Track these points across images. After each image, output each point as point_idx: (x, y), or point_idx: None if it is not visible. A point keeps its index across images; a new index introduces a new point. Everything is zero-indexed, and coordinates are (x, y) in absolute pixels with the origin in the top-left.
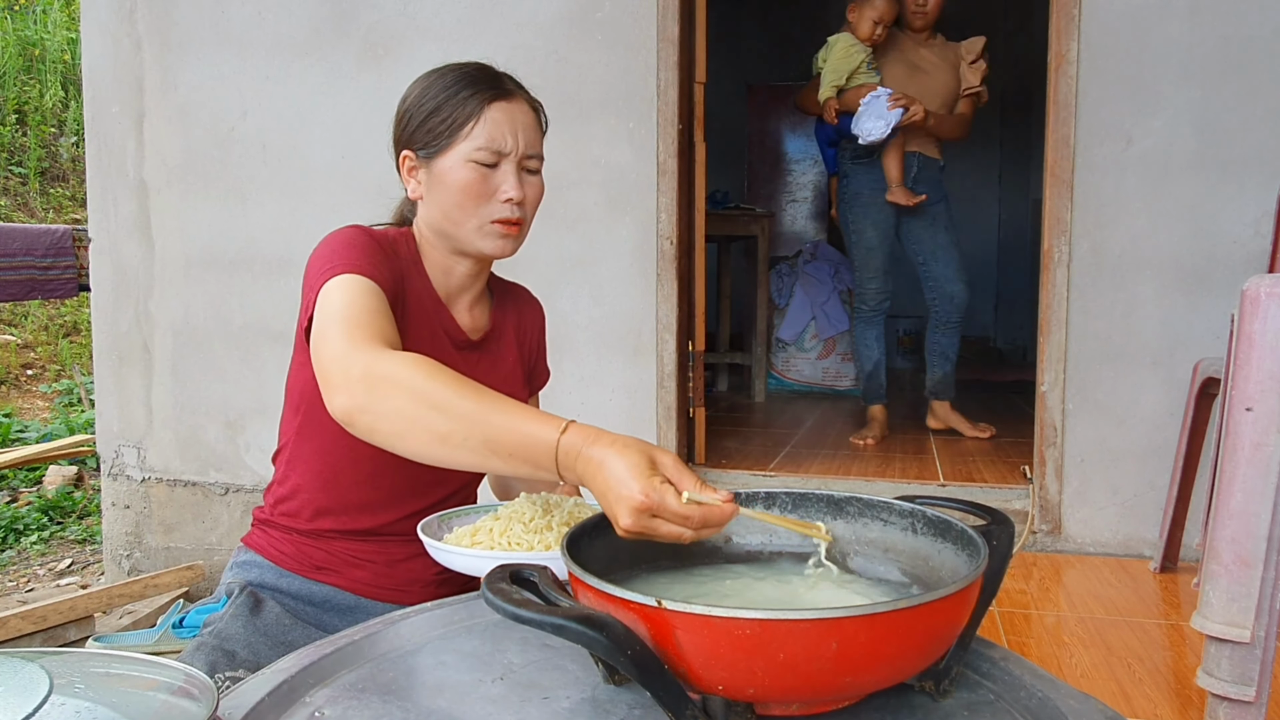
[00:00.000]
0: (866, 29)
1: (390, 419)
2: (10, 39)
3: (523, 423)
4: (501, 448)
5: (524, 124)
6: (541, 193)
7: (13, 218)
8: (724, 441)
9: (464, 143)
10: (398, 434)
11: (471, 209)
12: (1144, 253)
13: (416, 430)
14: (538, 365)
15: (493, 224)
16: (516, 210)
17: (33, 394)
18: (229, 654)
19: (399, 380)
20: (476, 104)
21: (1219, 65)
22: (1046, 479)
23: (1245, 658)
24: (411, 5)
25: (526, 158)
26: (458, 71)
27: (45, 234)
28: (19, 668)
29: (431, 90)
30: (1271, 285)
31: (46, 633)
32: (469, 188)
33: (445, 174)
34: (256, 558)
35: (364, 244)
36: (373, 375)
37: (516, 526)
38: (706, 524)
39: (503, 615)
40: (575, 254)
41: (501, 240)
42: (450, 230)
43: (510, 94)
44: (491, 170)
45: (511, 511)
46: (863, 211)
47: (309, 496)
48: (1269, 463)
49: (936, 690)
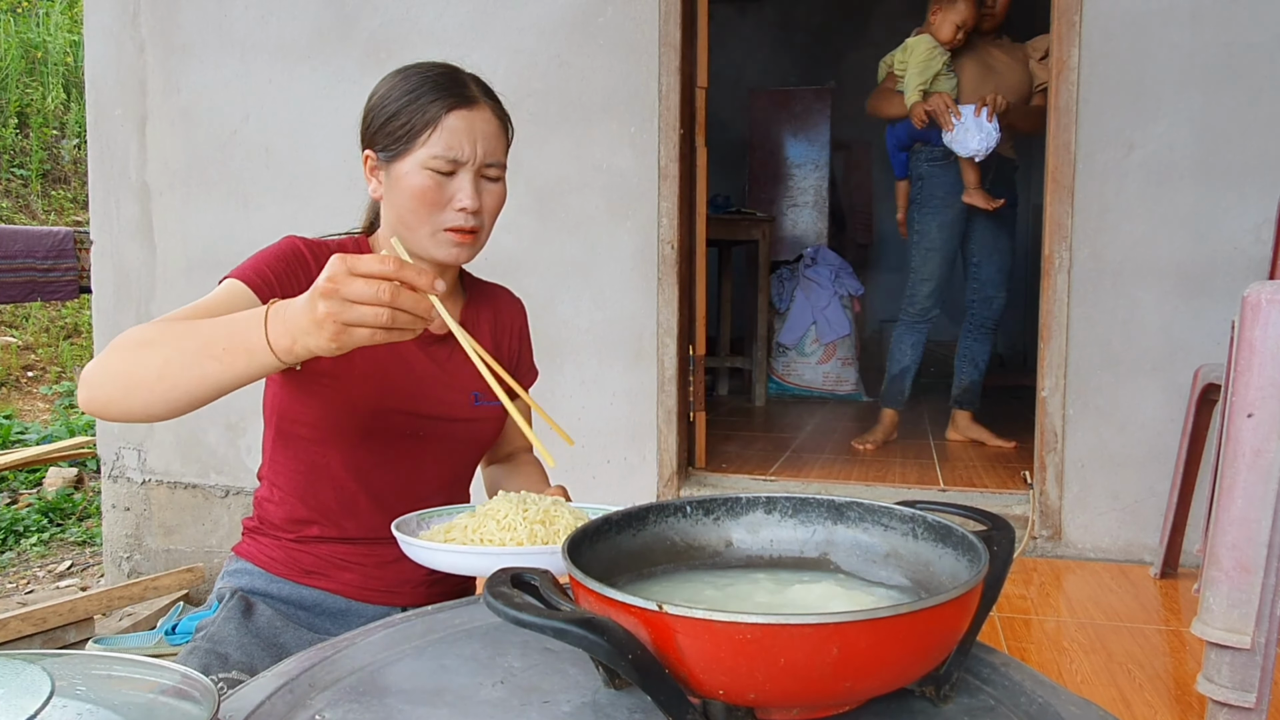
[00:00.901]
0: (948, 32)
1: (112, 378)
2: (13, 41)
3: (231, 320)
4: (215, 346)
5: (484, 132)
6: (502, 200)
7: (14, 220)
8: (724, 446)
9: (421, 149)
10: (126, 390)
11: (425, 215)
12: (1145, 259)
13: (137, 375)
14: (521, 363)
15: (446, 232)
16: (471, 219)
17: (33, 396)
18: (222, 656)
19: (115, 346)
20: (436, 110)
21: (1220, 72)
22: (1047, 484)
23: (1246, 664)
24: (414, 10)
25: (485, 166)
26: (423, 74)
27: (46, 236)
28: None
29: (395, 92)
30: (1272, 292)
31: (46, 634)
32: (424, 194)
33: (401, 178)
34: (247, 565)
35: (276, 254)
36: (99, 358)
37: (490, 523)
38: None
39: (503, 619)
40: (576, 258)
41: (455, 249)
42: (404, 234)
43: (471, 101)
44: (448, 178)
45: (487, 509)
46: (933, 213)
47: (291, 506)
48: (1269, 469)
49: (937, 696)
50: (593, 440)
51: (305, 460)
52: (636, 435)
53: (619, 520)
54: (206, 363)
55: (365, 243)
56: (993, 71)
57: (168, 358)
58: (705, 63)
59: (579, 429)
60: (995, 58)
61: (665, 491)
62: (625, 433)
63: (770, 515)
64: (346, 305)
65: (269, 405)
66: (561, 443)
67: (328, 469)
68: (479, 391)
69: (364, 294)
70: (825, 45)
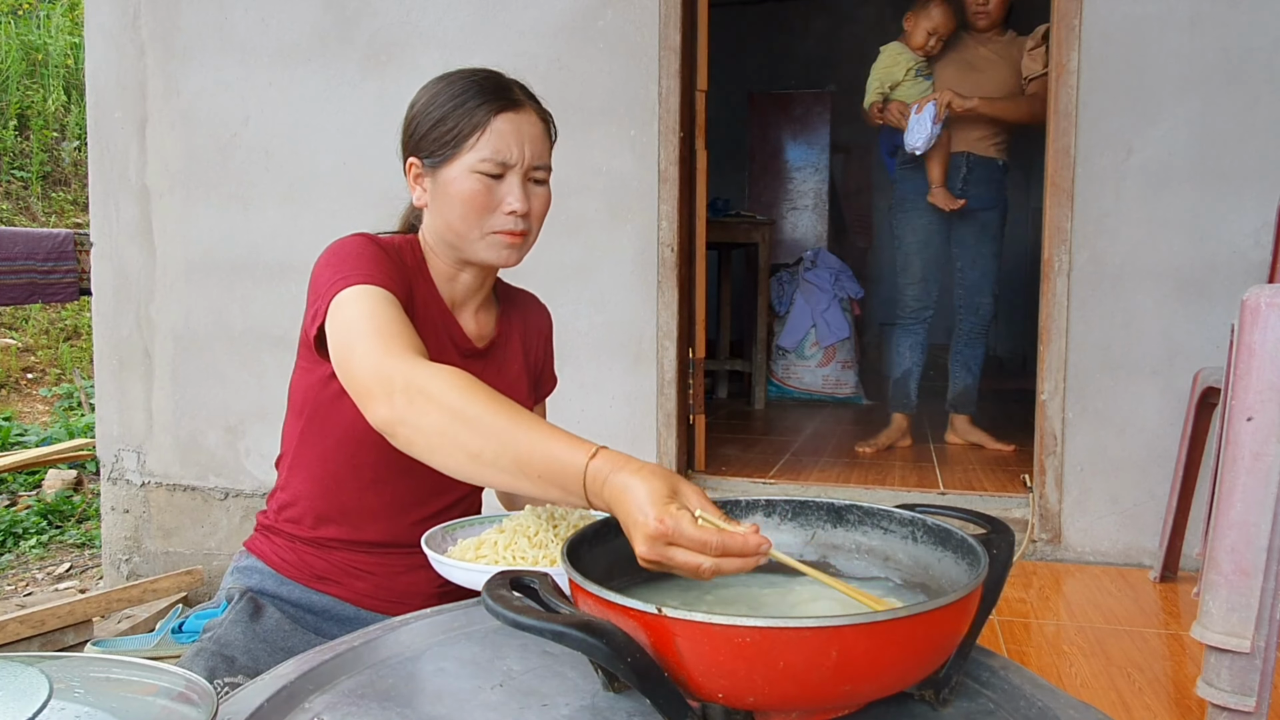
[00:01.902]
0: (920, 39)
1: (427, 434)
2: (13, 43)
3: (553, 445)
4: (531, 469)
5: (531, 135)
6: (548, 203)
7: (14, 221)
8: (724, 449)
9: (469, 154)
10: (433, 449)
11: (475, 220)
12: (1144, 262)
13: (451, 447)
14: (544, 372)
15: (496, 234)
16: (521, 222)
17: (33, 398)
18: (228, 659)
19: (436, 395)
20: (483, 115)
21: (1219, 76)
22: (1046, 488)
23: (1245, 668)
24: (414, 13)
25: (533, 169)
26: (467, 79)
27: (46, 238)
28: (18, 672)
29: (440, 98)
30: (1271, 295)
31: (44, 637)
32: (473, 199)
33: (450, 184)
34: (258, 563)
35: (373, 254)
36: (412, 388)
37: (521, 540)
38: (726, 552)
39: (503, 622)
40: (576, 261)
41: (506, 250)
42: (454, 240)
43: (518, 104)
44: (496, 181)
45: (516, 524)
46: (905, 216)
47: (310, 503)
48: (1269, 472)
49: (936, 699)
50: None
51: (333, 459)
52: (636, 438)
53: (618, 523)
54: (519, 478)
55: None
56: (972, 69)
57: (484, 449)
58: (705, 66)
59: (578, 432)
60: (980, 55)
61: None
62: (625, 436)
63: (770, 518)
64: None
65: (299, 395)
66: None
67: (355, 470)
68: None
69: (687, 562)
70: (825, 49)
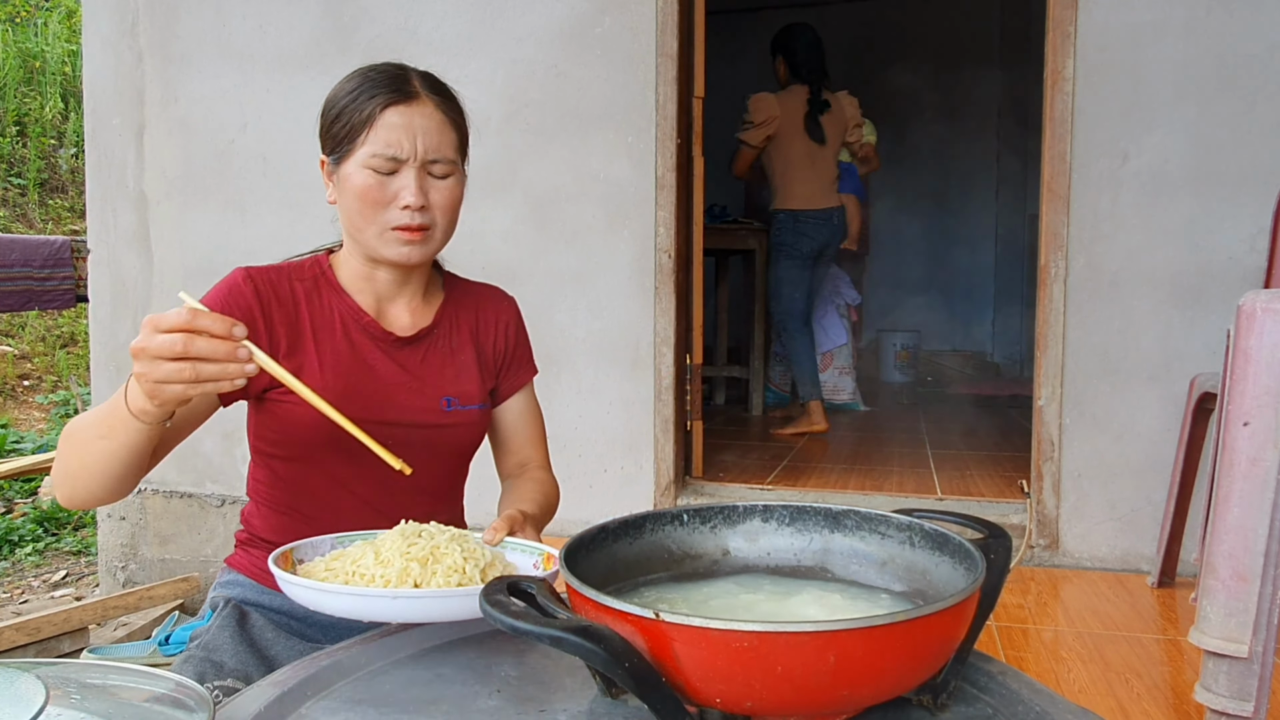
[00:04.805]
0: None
1: (62, 478)
2: (11, 50)
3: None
4: (103, 425)
5: (425, 127)
6: (454, 197)
7: (11, 229)
8: (721, 455)
9: (361, 149)
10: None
11: (370, 216)
12: (1140, 268)
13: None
14: (515, 359)
15: (393, 231)
16: (418, 216)
17: (29, 405)
18: (217, 664)
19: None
20: (373, 108)
21: (1214, 82)
22: (1044, 494)
23: (1243, 672)
24: (412, 19)
25: (430, 162)
26: (363, 74)
27: (43, 245)
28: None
29: (338, 94)
30: (1267, 301)
31: (41, 644)
32: (366, 194)
33: (346, 180)
34: (239, 577)
35: (217, 295)
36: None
37: (369, 556)
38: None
39: (500, 627)
40: (574, 267)
41: (405, 248)
42: (356, 236)
43: (409, 97)
44: (390, 177)
45: (378, 541)
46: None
47: (276, 521)
48: (1265, 477)
49: (934, 704)
50: (589, 450)
51: (281, 478)
52: (633, 444)
53: (616, 528)
54: (99, 442)
55: (324, 261)
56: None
57: (79, 447)
58: (702, 73)
59: (575, 438)
60: None
61: (662, 501)
62: (622, 442)
63: (767, 523)
64: (155, 363)
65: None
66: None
67: (305, 485)
68: (451, 396)
69: (162, 348)
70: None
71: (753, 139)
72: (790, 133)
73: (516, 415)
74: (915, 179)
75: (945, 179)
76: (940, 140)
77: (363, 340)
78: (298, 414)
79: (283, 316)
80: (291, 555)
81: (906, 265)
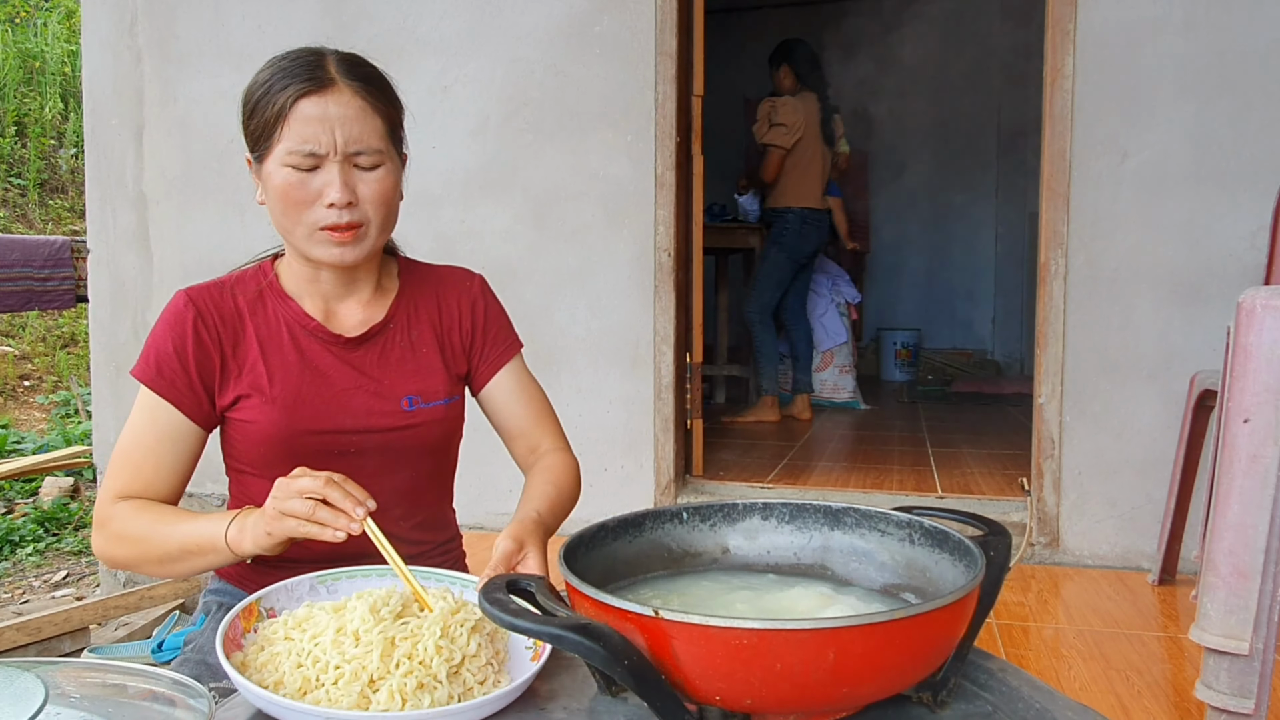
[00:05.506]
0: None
1: (124, 561)
2: (11, 51)
3: (197, 528)
4: (191, 545)
5: (343, 117)
6: (386, 189)
7: (11, 229)
8: (721, 454)
9: (278, 145)
10: (133, 567)
11: (296, 216)
12: (1140, 266)
13: (143, 564)
14: (489, 338)
15: (321, 231)
16: (347, 214)
17: (30, 405)
18: (212, 666)
19: (121, 531)
20: (284, 101)
21: (1214, 80)
22: (1044, 491)
23: (1244, 670)
24: (411, 19)
25: (353, 154)
26: (275, 63)
27: (43, 245)
28: (15, 677)
29: (253, 88)
30: (1267, 298)
31: (41, 644)
32: (288, 194)
33: (268, 180)
34: (227, 585)
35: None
36: (108, 530)
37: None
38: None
39: (499, 625)
40: (573, 266)
41: (337, 249)
42: (286, 238)
43: (325, 85)
44: (311, 174)
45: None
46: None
47: None
48: (1266, 474)
49: (934, 701)
50: (589, 449)
51: (249, 492)
52: (633, 443)
53: (615, 526)
54: (192, 559)
55: (269, 268)
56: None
57: (156, 556)
58: (701, 71)
59: (575, 437)
60: None
61: (662, 499)
62: (622, 441)
63: (767, 521)
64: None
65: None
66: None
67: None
68: (413, 394)
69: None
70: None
71: (786, 142)
72: (809, 135)
73: (507, 395)
74: (915, 177)
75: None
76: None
77: (311, 346)
78: (253, 430)
79: (227, 335)
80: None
81: (907, 263)
